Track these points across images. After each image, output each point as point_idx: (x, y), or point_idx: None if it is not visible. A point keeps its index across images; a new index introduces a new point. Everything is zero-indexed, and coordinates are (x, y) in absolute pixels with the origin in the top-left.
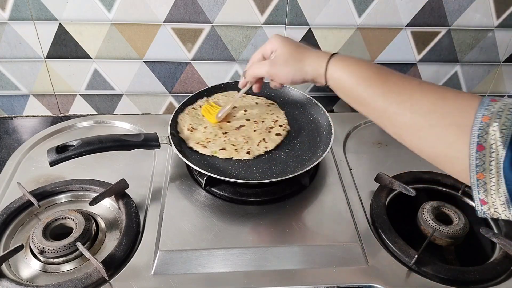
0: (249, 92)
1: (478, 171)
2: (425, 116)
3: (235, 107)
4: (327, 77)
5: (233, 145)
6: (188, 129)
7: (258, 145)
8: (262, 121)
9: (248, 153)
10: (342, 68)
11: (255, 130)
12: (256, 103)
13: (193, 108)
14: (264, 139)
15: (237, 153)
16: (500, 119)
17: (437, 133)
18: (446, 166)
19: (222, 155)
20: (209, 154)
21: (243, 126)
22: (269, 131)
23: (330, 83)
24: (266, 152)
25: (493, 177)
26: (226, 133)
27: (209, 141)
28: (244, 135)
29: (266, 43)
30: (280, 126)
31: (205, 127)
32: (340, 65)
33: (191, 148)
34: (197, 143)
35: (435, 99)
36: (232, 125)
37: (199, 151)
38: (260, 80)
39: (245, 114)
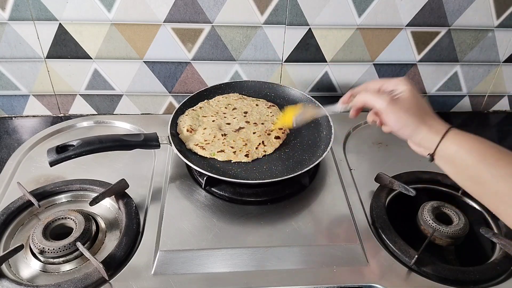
0: (250, 94)
1: None
2: None
3: (234, 108)
4: (438, 148)
5: (232, 147)
6: (188, 130)
7: (257, 148)
8: (262, 123)
9: (246, 155)
10: (460, 143)
11: (254, 133)
12: (257, 105)
13: (193, 110)
14: (263, 142)
15: (235, 155)
16: None
17: None
18: None
19: (220, 157)
20: (208, 156)
21: (242, 128)
22: (269, 134)
23: (440, 156)
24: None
25: None
26: (225, 135)
27: (208, 143)
28: (243, 137)
29: (392, 78)
30: (280, 129)
31: (205, 129)
32: (458, 139)
33: (190, 150)
34: (196, 145)
35: None
36: (231, 127)
37: (198, 153)
38: (361, 108)
39: (245, 116)
